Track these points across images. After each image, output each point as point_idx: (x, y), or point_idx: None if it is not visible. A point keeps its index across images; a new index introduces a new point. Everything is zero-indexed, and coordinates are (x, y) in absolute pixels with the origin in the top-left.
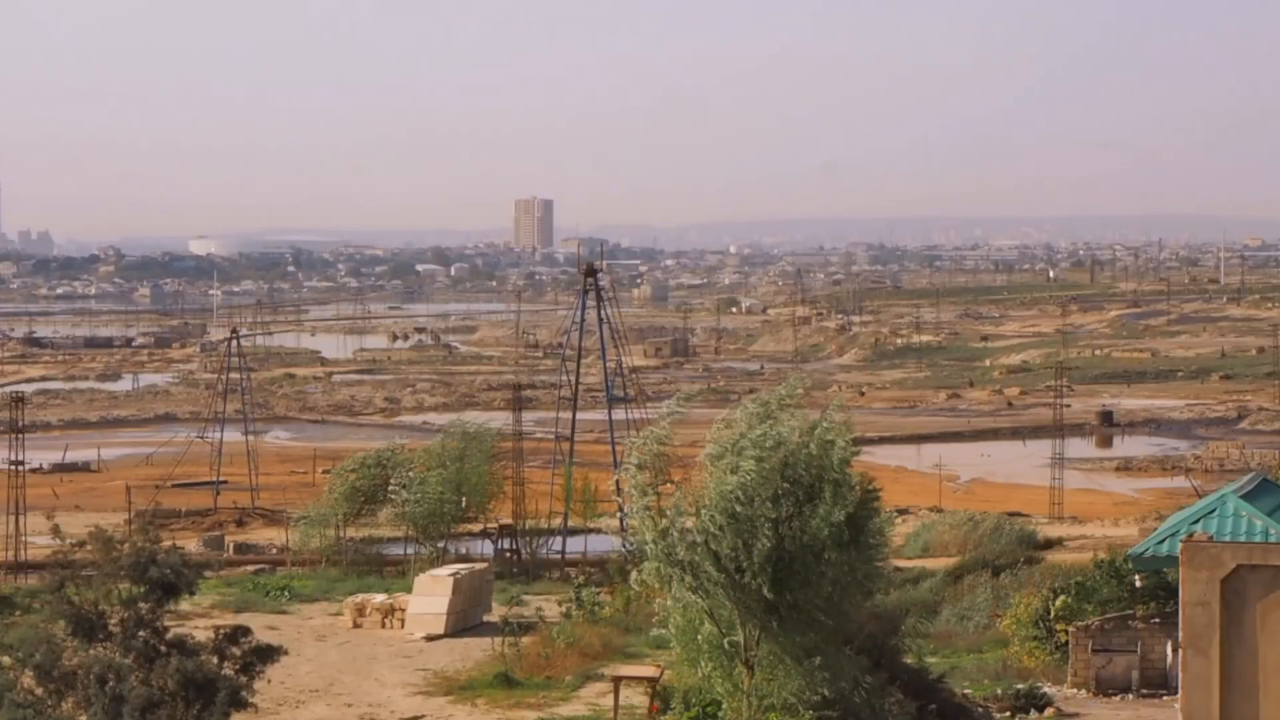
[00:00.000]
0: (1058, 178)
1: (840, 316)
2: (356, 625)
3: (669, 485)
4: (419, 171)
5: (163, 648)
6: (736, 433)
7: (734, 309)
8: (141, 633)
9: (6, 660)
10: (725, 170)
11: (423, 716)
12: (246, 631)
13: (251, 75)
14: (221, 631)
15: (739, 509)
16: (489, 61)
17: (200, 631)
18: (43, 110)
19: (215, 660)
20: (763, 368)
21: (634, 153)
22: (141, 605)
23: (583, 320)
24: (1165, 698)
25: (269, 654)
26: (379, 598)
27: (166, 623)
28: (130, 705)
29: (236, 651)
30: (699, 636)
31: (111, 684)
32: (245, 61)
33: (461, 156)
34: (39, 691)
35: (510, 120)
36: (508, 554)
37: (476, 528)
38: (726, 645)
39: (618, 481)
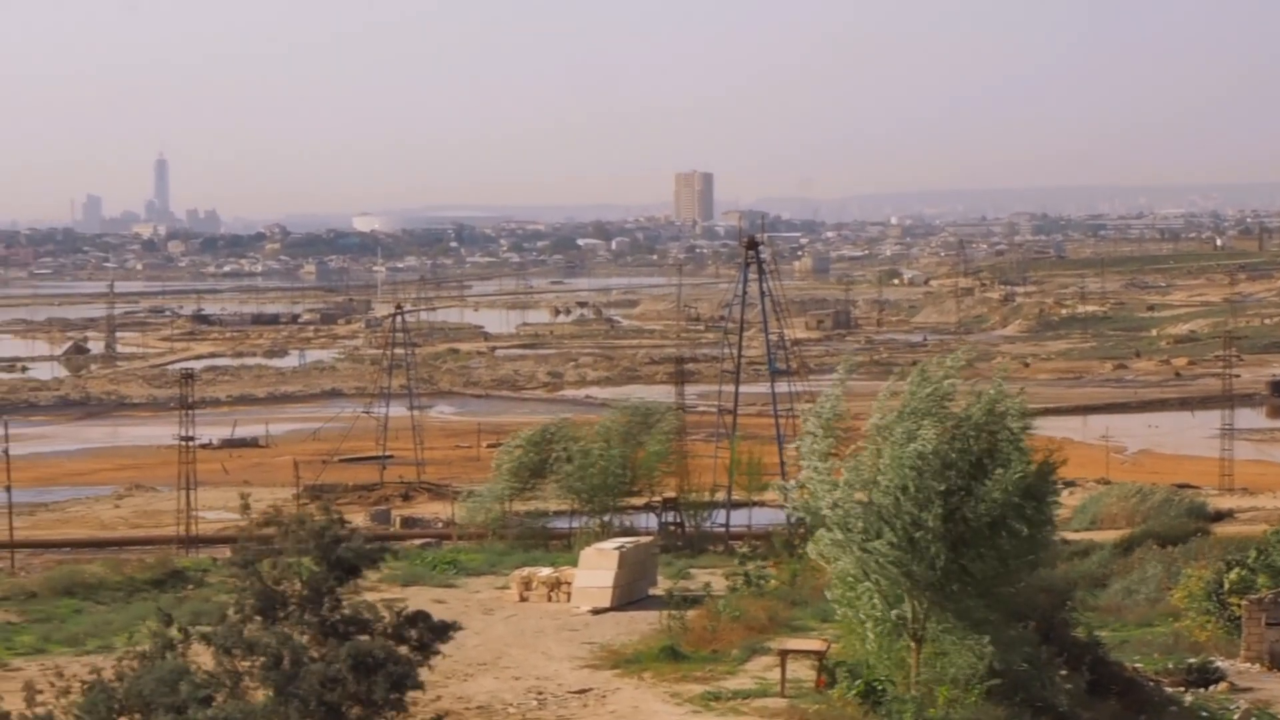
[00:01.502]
0: (1224, 145)
1: (1004, 287)
2: (523, 599)
3: (839, 454)
4: (580, 147)
5: (340, 626)
6: (908, 402)
7: (895, 280)
8: (320, 611)
9: (176, 633)
10: (886, 141)
11: (590, 689)
12: (426, 617)
13: (413, 54)
14: (400, 614)
15: (916, 478)
16: (651, 35)
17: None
18: (210, 90)
19: (392, 641)
20: (925, 339)
21: (794, 125)
22: (322, 583)
23: (744, 293)
24: None
25: (444, 630)
26: (545, 571)
27: (345, 600)
28: (304, 683)
29: (414, 634)
30: (867, 609)
31: (287, 661)
32: (407, 41)
33: (622, 131)
34: (214, 667)
35: (671, 95)
36: (672, 527)
37: (641, 501)
38: (894, 618)
39: (795, 448)
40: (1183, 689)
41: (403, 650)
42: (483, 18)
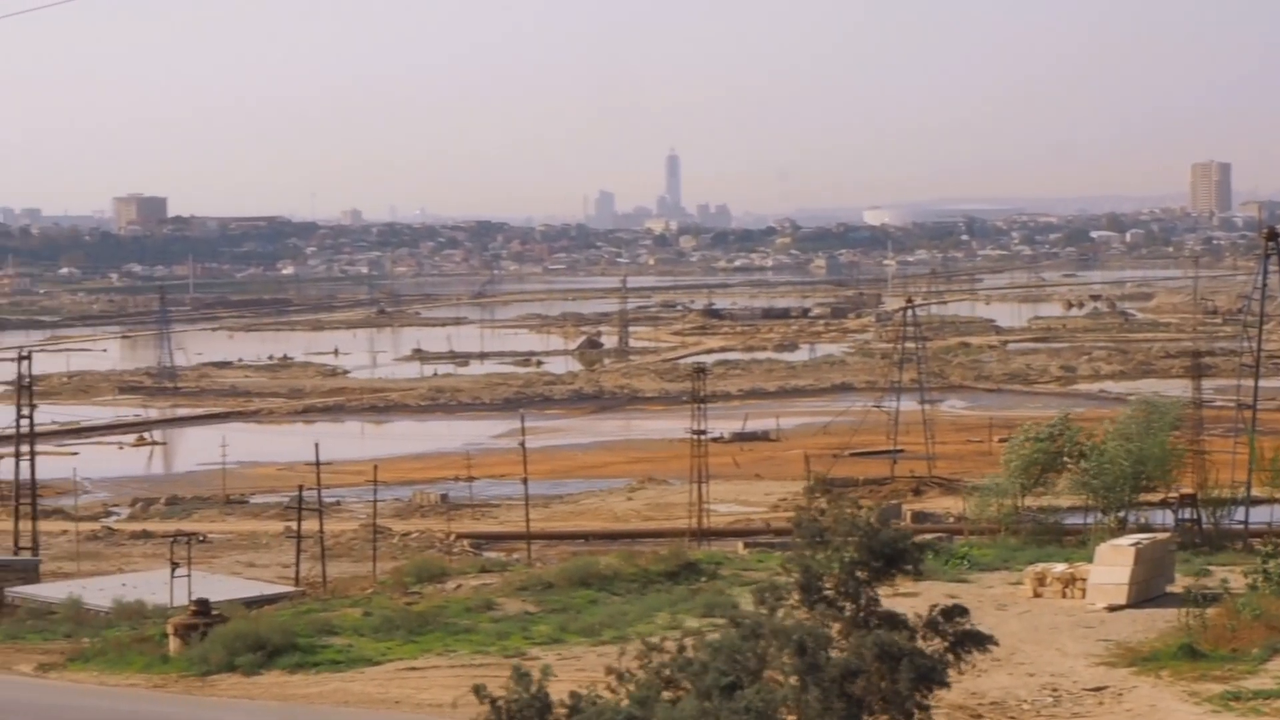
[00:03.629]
0: None
1: None
2: (1036, 595)
3: None
4: (1087, 138)
5: (872, 620)
6: None
7: None
8: (854, 602)
9: (693, 624)
10: None
11: (1105, 687)
12: (963, 611)
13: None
14: (937, 608)
15: None
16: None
17: (888, 600)
18: (720, 86)
19: (925, 635)
20: None
21: None
22: (859, 575)
23: (1264, 285)
24: None
25: (980, 641)
26: (1059, 567)
27: (880, 595)
28: (827, 674)
29: (948, 629)
30: None
31: (810, 651)
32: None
33: (1135, 120)
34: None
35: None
36: (1189, 524)
37: (1157, 498)
38: None
39: None
40: None
41: (933, 645)
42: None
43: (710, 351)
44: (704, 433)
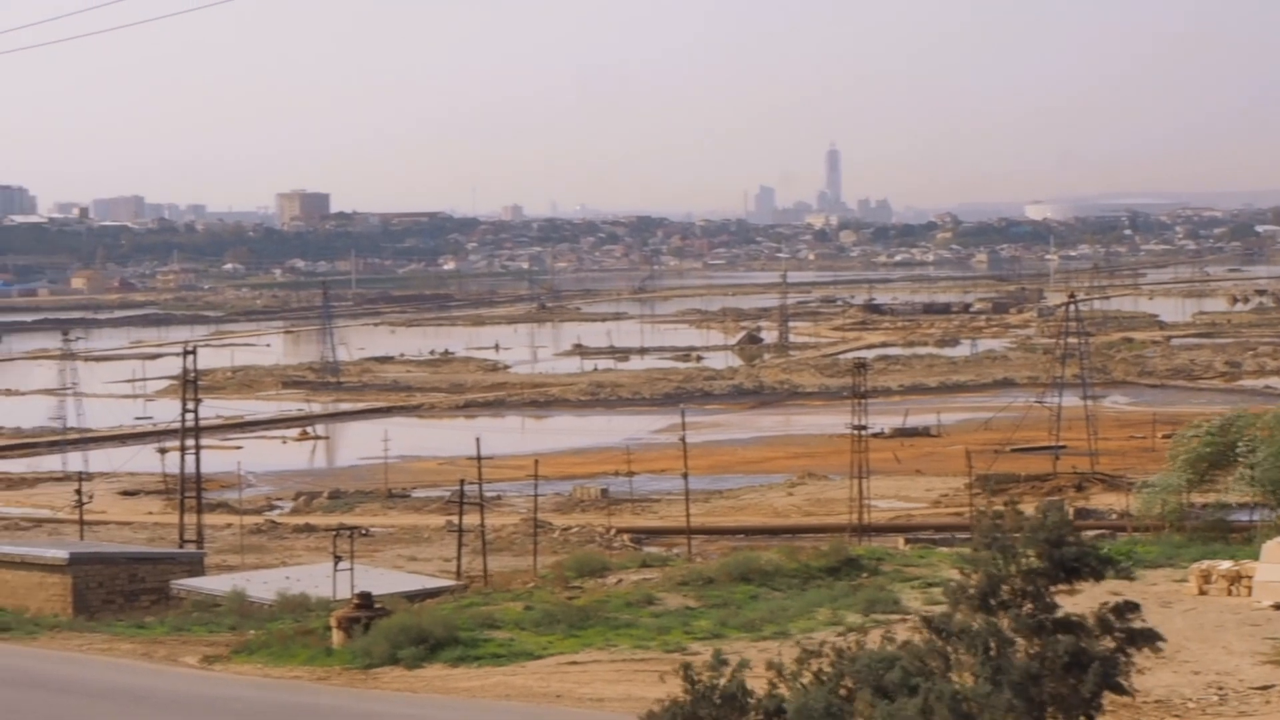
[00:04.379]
0: None
1: None
2: (1201, 592)
3: None
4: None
5: (1049, 624)
6: None
7: None
8: (1030, 605)
9: (854, 620)
10: None
11: (1272, 685)
12: (1134, 607)
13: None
14: (1107, 605)
15: None
16: None
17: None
18: (880, 82)
19: (1098, 634)
20: None
21: None
22: (1039, 580)
23: None
24: None
25: (1150, 639)
26: (1225, 565)
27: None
28: (1011, 675)
29: (1118, 627)
30: None
31: (994, 652)
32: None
33: None
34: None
35: None
36: None
37: None
38: None
39: None
40: None
41: (1103, 644)
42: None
43: (871, 347)
44: (864, 428)
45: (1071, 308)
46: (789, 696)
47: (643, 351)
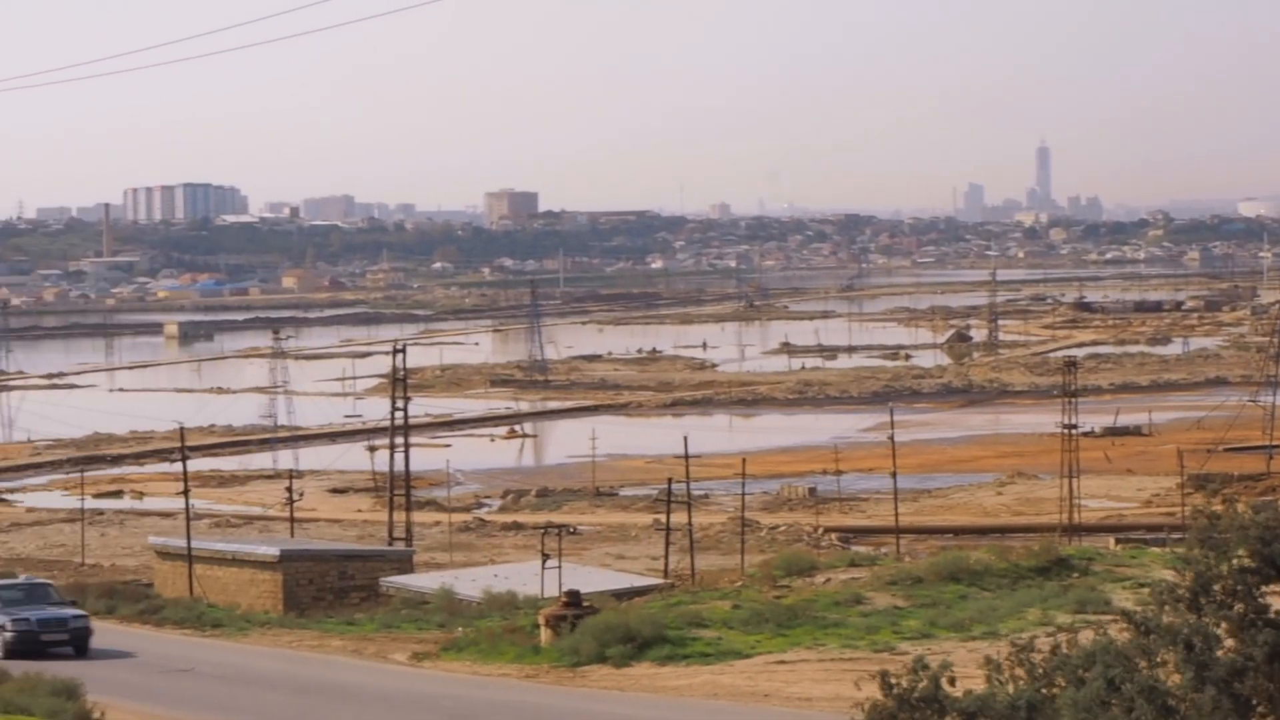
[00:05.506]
0: None
1: None
2: None
3: None
4: None
5: (1258, 621)
6: None
7: None
8: (1243, 603)
9: (1065, 620)
10: None
11: None
12: None
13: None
14: None
15: None
16: None
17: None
18: (1091, 77)
19: None
20: None
21: None
22: (1250, 579)
23: None
24: None
25: None
26: None
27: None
28: (1215, 671)
29: None
30: None
31: (1198, 649)
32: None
33: None
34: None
35: None
36: None
37: None
38: None
39: None
40: None
41: None
42: None
43: (1081, 345)
44: (1075, 427)
45: None
46: (996, 693)
47: (851, 350)
